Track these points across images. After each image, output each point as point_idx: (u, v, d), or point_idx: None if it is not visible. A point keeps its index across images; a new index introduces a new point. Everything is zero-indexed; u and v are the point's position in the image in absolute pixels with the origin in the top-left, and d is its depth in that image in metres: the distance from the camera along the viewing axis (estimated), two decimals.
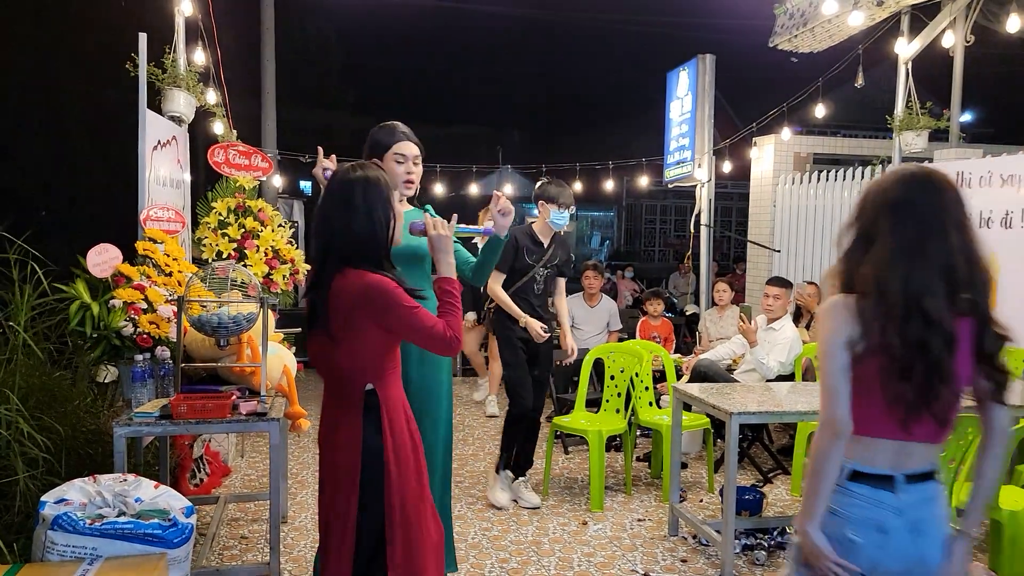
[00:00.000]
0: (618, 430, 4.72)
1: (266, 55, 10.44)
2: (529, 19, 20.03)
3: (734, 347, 5.50)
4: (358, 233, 2.17)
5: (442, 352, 2.21)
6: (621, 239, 25.16)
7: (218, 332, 3.17)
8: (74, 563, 2.27)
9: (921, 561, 1.77)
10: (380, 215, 2.19)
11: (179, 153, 4.66)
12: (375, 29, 20.19)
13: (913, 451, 1.78)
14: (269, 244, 4.41)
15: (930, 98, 6.53)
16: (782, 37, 6.61)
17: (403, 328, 2.16)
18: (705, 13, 16.39)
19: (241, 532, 4.02)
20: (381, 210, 2.20)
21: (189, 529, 2.50)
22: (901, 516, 1.75)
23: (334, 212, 2.19)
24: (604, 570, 3.63)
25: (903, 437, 1.76)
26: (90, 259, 3.41)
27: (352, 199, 2.18)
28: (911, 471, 1.78)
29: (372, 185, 2.20)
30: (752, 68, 14.53)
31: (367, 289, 2.12)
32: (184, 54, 4.80)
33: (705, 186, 7.19)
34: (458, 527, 4.09)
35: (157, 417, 2.91)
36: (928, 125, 6.14)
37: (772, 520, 4.06)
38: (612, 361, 4.93)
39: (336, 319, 2.15)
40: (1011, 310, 5.21)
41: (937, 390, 1.71)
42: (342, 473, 2.20)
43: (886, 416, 1.75)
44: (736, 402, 3.68)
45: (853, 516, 1.77)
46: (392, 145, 2.97)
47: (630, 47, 25.14)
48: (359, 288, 2.12)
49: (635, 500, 4.63)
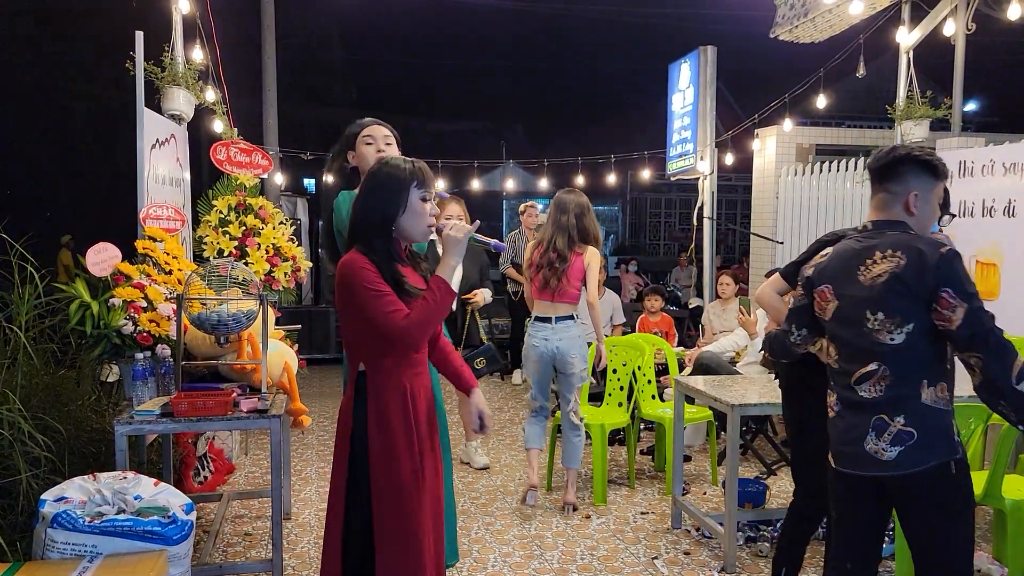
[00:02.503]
0: (621, 424, 4.71)
1: (266, 52, 10.43)
2: (531, 13, 20.01)
3: (737, 339, 5.48)
4: (357, 213, 2.25)
5: (394, 342, 2.17)
6: (625, 233, 25.12)
7: (218, 330, 3.18)
8: (74, 561, 2.28)
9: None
10: (379, 198, 2.22)
11: (178, 151, 4.66)
12: (377, 25, 20.18)
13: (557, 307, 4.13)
14: (270, 242, 4.42)
15: (934, 87, 6.49)
16: (783, 28, 6.57)
17: (363, 310, 2.14)
18: (706, 4, 16.33)
19: (245, 529, 4.03)
20: (383, 193, 2.22)
21: (189, 526, 2.51)
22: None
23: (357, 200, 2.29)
24: (607, 563, 3.63)
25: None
26: (89, 258, 3.41)
27: (366, 183, 2.28)
28: (558, 316, 4.13)
29: (386, 171, 2.25)
30: (754, 59, 14.48)
31: (341, 266, 2.18)
32: (183, 52, 4.80)
33: (708, 178, 7.17)
34: (461, 521, 4.10)
35: (158, 415, 2.92)
36: (927, 114, 6.10)
37: (775, 512, 4.06)
38: (615, 355, 4.93)
39: (335, 296, 2.24)
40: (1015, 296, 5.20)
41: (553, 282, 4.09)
42: (336, 453, 2.29)
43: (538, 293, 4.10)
44: (737, 394, 3.67)
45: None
46: (361, 131, 3.03)
47: (632, 40, 25.04)
48: (339, 265, 2.19)
49: (638, 493, 4.63)
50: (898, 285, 2.12)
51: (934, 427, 2.14)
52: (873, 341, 2.17)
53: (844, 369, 2.26)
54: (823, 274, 2.31)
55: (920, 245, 2.13)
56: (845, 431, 2.25)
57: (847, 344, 2.24)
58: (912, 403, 2.14)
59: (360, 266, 2.14)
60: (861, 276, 2.20)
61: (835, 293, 2.27)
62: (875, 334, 2.16)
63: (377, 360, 2.23)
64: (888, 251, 2.16)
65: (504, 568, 3.58)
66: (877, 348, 2.17)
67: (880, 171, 2.28)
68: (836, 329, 2.28)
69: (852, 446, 2.21)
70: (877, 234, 2.24)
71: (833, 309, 2.27)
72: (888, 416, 2.15)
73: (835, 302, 2.27)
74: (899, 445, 2.13)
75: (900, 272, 2.12)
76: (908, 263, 2.11)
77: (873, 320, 2.16)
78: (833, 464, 2.31)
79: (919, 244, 2.14)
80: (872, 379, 2.18)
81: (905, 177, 2.23)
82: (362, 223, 2.23)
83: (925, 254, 2.10)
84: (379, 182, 2.24)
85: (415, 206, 2.24)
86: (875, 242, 2.22)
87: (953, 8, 5.99)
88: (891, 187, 2.25)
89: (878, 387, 2.17)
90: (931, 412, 2.14)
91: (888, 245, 2.18)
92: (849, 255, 2.26)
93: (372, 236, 2.20)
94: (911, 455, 2.12)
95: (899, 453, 2.13)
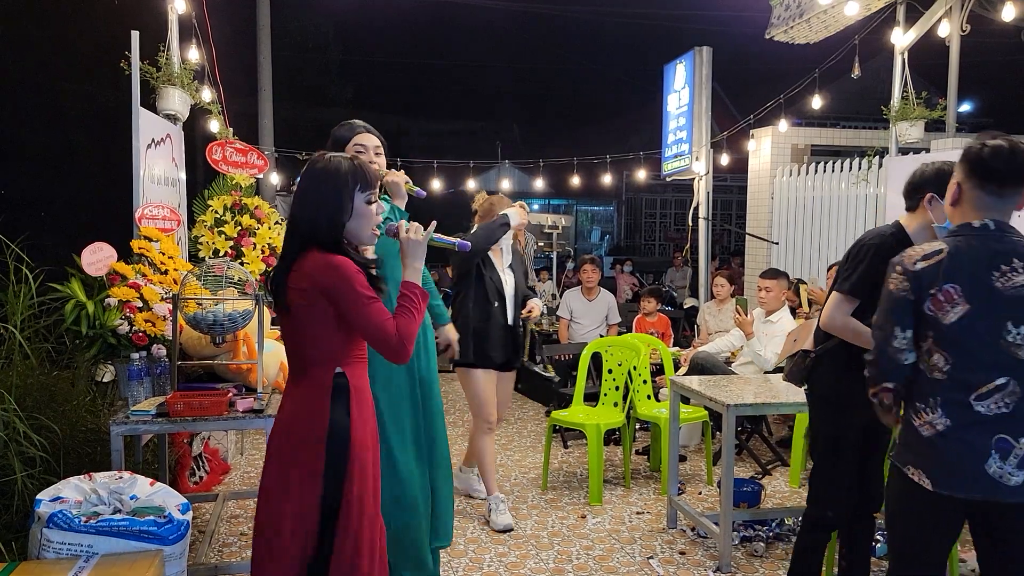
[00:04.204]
0: (617, 424, 4.72)
1: (262, 52, 10.43)
2: (526, 13, 20.00)
3: (732, 339, 5.49)
4: (308, 213, 2.16)
5: (389, 356, 2.12)
6: (621, 233, 25.14)
7: (213, 330, 3.18)
8: (70, 560, 2.28)
9: None
10: (332, 199, 2.16)
11: (174, 151, 4.66)
12: (373, 25, 20.16)
13: None
14: (266, 241, 4.42)
15: (929, 88, 6.52)
16: (778, 28, 6.60)
17: (353, 316, 2.10)
18: (702, 5, 16.35)
19: (240, 529, 4.02)
20: (334, 194, 2.16)
21: (185, 526, 2.51)
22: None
23: (298, 196, 2.21)
24: (603, 563, 3.64)
25: None
26: (85, 258, 3.41)
27: (311, 183, 2.19)
28: None
29: (331, 171, 2.18)
30: (750, 60, 14.51)
31: (327, 268, 2.09)
32: (178, 52, 4.80)
33: (703, 179, 7.18)
34: (458, 521, 4.10)
35: (154, 415, 2.91)
36: (922, 115, 6.13)
37: (770, 512, 4.07)
38: (610, 355, 4.93)
39: (296, 298, 2.13)
40: None
41: None
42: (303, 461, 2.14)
43: None
44: (732, 394, 3.69)
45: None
46: (352, 138, 3.00)
47: (627, 40, 25.09)
48: (320, 266, 2.10)
49: (634, 493, 4.64)
50: None
51: None
52: (1010, 355, 2.00)
53: (960, 381, 2.04)
54: (948, 273, 2.04)
55: None
56: (958, 452, 2.02)
57: (970, 354, 2.03)
58: None
59: (353, 269, 2.11)
60: (998, 283, 2.00)
61: (965, 296, 2.03)
62: (1014, 348, 1.99)
63: (351, 362, 2.19)
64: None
65: (500, 568, 3.59)
66: (1011, 364, 1.99)
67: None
68: (959, 336, 2.03)
69: (967, 468, 2.01)
70: (1003, 235, 2.06)
71: (961, 314, 2.02)
72: (1012, 436, 1.98)
73: (966, 306, 2.02)
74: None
75: None
76: None
77: (1015, 334, 1.99)
78: (930, 487, 2.05)
79: None
80: (999, 394, 2.00)
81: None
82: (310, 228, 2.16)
83: None
84: (318, 186, 2.18)
85: (360, 209, 2.19)
86: (1008, 246, 2.04)
87: (948, 9, 6.02)
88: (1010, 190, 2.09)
89: (1004, 403, 1.99)
90: None
91: (1023, 252, 2.02)
92: (978, 255, 2.04)
93: (338, 238, 2.17)
94: None
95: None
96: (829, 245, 7.30)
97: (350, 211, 2.17)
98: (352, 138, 3.00)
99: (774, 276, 5.25)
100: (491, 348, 4.15)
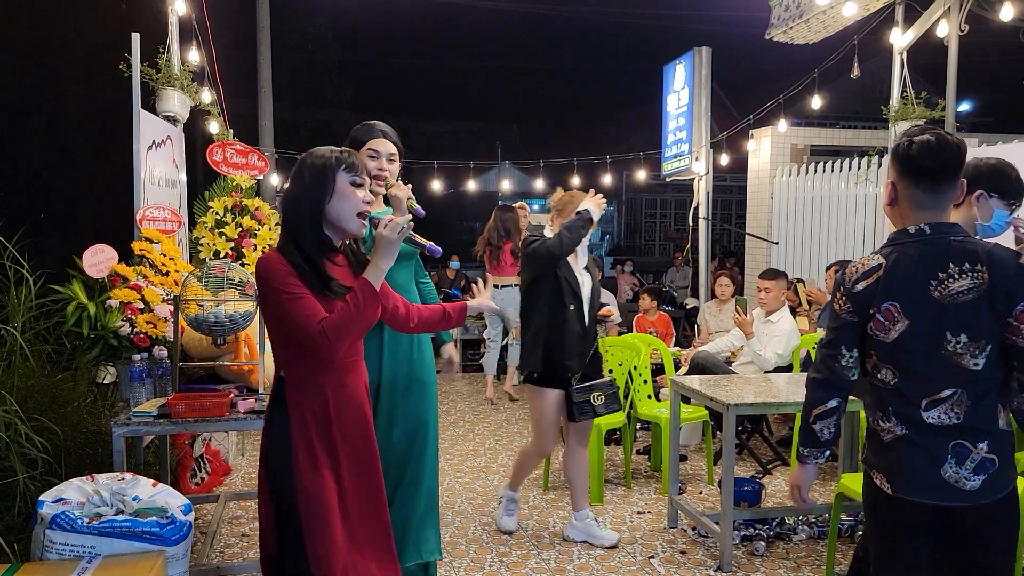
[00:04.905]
0: (617, 424, 4.72)
1: (262, 53, 10.44)
2: (526, 14, 20.02)
3: (732, 339, 5.50)
4: (288, 205, 2.13)
5: (319, 354, 2.04)
6: (621, 233, 25.16)
7: (215, 331, 3.18)
8: (72, 562, 2.29)
9: None
10: (304, 185, 2.10)
11: (174, 153, 4.67)
12: (372, 26, 20.18)
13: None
14: (267, 243, 4.43)
15: (928, 88, 6.53)
16: (778, 29, 6.61)
17: (279, 312, 2.02)
18: (702, 5, 16.37)
19: (242, 530, 4.03)
20: (314, 176, 2.10)
21: (187, 527, 2.51)
22: None
23: (284, 191, 2.20)
24: (604, 563, 3.64)
25: None
26: (86, 260, 3.42)
27: (296, 172, 2.15)
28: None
29: (314, 156, 2.13)
30: (749, 60, 14.52)
31: (257, 265, 2.05)
32: (178, 54, 4.80)
33: (703, 179, 7.19)
34: (458, 521, 4.11)
35: (155, 416, 2.92)
36: (922, 115, 6.14)
37: (771, 511, 4.08)
38: (610, 355, 4.94)
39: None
40: None
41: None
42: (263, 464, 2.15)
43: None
44: (733, 394, 3.69)
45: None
46: (367, 141, 2.94)
47: (627, 40, 25.12)
48: (256, 265, 2.07)
49: (635, 493, 4.64)
50: (983, 304, 1.89)
51: (1009, 453, 1.97)
52: (952, 365, 1.93)
53: (908, 393, 1.98)
54: (887, 290, 1.97)
55: (998, 253, 1.92)
56: (913, 457, 1.98)
57: (914, 368, 1.96)
58: (992, 428, 1.95)
59: (273, 266, 2.02)
60: (936, 292, 1.92)
61: (904, 312, 1.95)
62: (955, 358, 1.92)
63: (296, 366, 2.11)
64: (965, 264, 1.91)
65: (501, 568, 3.59)
66: (955, 373, 1.93)
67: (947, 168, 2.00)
68: (899, 352, 1.97)
69: (923, 473, 1.96)
70: (938, 239, 1.97)
71: (901, 330, 1.96)
72: (969, 442, 1.93)
73: (905, 321, 1.95)
74: (983, 474, 1.93)
75: (986, 288, 1.89)
76: (992, 277, 1.89)
77: (954, 343, 1.91)
78: (890, 491, 2.01)
79: (997, 253, 1.92)
80: (946, 404, 1.94)
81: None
82: (292, 214, 2.10)
83: (1006, 264, 1.90)
84: (304, 169, 2.12)
85: (343, 189, 2.10)
86: (942, 250, 1.95)
87: (946, 9, 6.02)
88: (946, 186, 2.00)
89: (953, 413, 1.94)
90: (1007, 437, 1.97)
91: (958, 255, 1.93)
92: (915, 266, 1.96)
93: (302, 228, 2.08)
94: (994, 483, 1.94)
95: (983, 482, 1.93)
96: (829, 245, 7.31)
97: (331, 190, 2.09)
98: (367, 141, 2.94)
99: (773, 276, 5.25)
100: (566, 356, 3.70)
